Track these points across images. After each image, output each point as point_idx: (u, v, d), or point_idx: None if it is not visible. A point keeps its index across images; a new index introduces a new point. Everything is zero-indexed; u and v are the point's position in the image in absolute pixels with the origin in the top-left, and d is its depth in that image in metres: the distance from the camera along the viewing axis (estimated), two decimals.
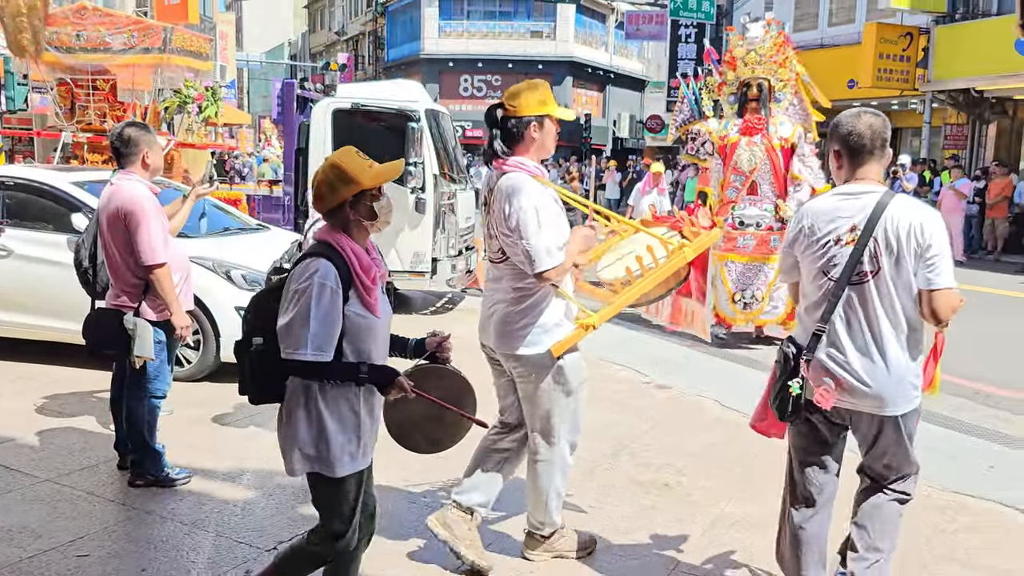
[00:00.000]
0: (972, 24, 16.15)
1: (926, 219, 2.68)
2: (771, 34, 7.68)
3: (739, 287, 7.70)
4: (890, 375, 2.72)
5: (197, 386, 5.93)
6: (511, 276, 3.28)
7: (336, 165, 2.57)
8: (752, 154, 7.55)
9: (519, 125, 3.22)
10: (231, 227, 7.21)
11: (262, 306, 2.62)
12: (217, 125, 13.30)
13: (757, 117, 7.60)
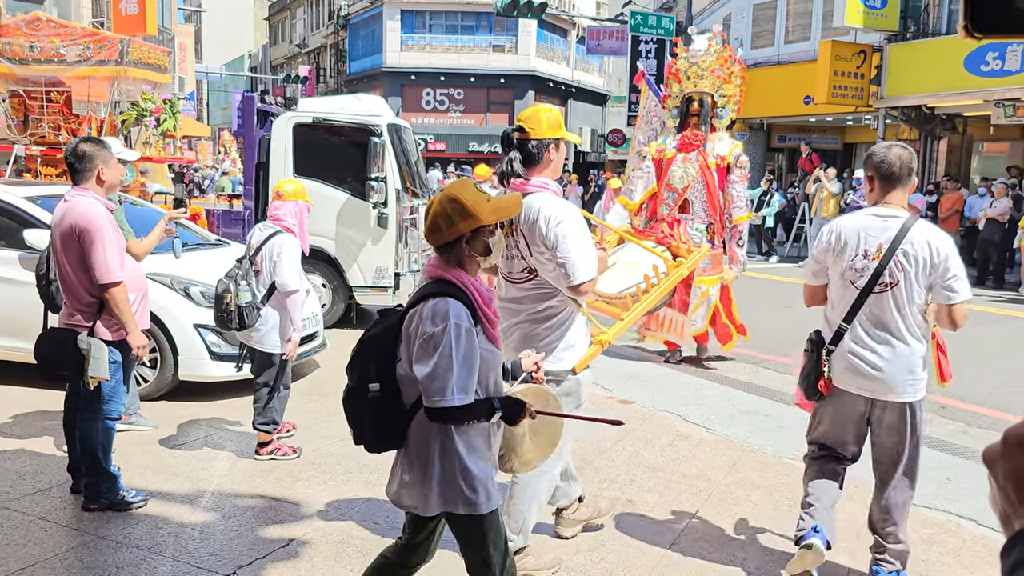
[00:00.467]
0: (922, 43, 16.59)
1: (941, 242, 3.25)
2: (715, 47, 7.32)
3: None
4: (900, 368, 3.29)
5: (154, 405, 5.81)
6: (536, 296, 3.37)
7: (456, 199, 2.48)
8: (685, 171, 7.22)
9: (539, 147, 3.35)
10: (190, 242, 7.09)
11: (373, 349, 2.53)
12: (176, 138, 13.10)
13: (695, 133, 7.26)
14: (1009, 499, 0.70)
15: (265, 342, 4.85)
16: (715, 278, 7.36)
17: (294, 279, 4.82)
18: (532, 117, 3.38)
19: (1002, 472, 0.71)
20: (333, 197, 8.61)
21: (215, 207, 10.37)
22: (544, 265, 3.28)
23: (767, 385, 7.04)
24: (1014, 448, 0.71)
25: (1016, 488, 0.70)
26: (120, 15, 18.85)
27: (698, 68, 7.21)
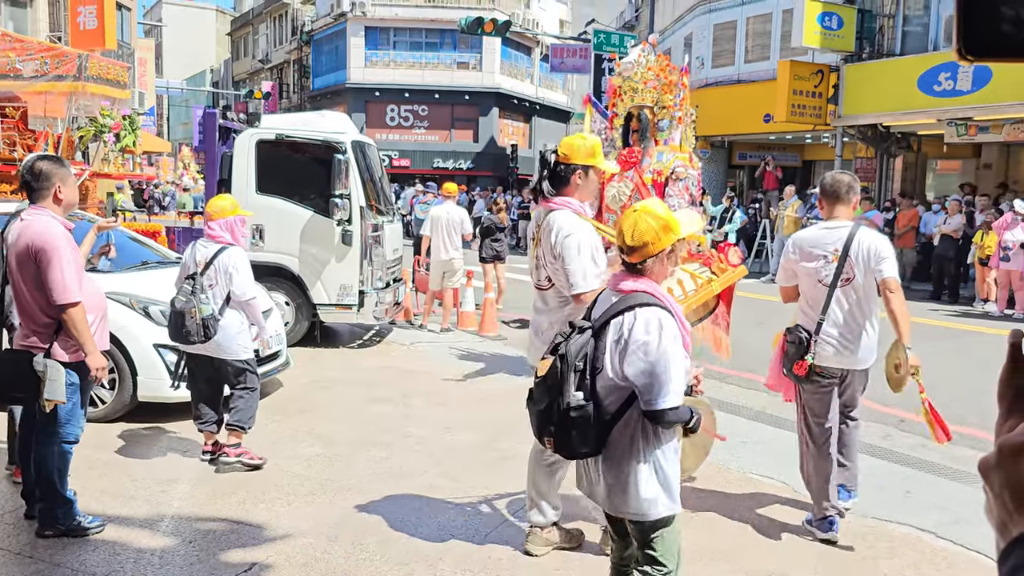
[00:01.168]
0: (878, 63, 16.99)
1: (876, 240, 4.10)
2: (647, 58, 6.91)
3: None
4: (865, 344, 4.17)
5: (112, 427, 5.69)
6: (559, 303, 3.76)
7: (659, 216, 2.71)
8: (619, 191, 6.79)
9: (567, 171, 3.73)
10: (149, 260, 6.99)
11: (572, 364, 2.65)
12: (135, 154, 12.91)
13: (630, 150, 6.88)
14: (1006, 508, 0.71)
15: (230, 350, 5.03)
16: None
17: (251, 287, 5.12)
18: (569, 144, 3.79)
19: (998, 481, 0.72)
20: (296, 214, 8.54)
21: (175, 224, 10.22)
22: (556, 273, 3.67)
23: (731, 401, 7.10)
24: (1009, 458, 0.71)
25: (1012, 497, 0.70)
26: (78, 29, 18.59)
27: (632, 82, 6.90)
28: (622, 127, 7.08)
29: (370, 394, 6.90)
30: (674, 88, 6.86)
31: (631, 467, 2.68)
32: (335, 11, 36.58)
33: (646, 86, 6.80)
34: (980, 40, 0.69)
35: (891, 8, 17.10)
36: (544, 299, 3.84)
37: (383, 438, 5.71)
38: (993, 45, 0.68)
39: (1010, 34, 0.67)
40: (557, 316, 3.73)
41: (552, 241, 3.61)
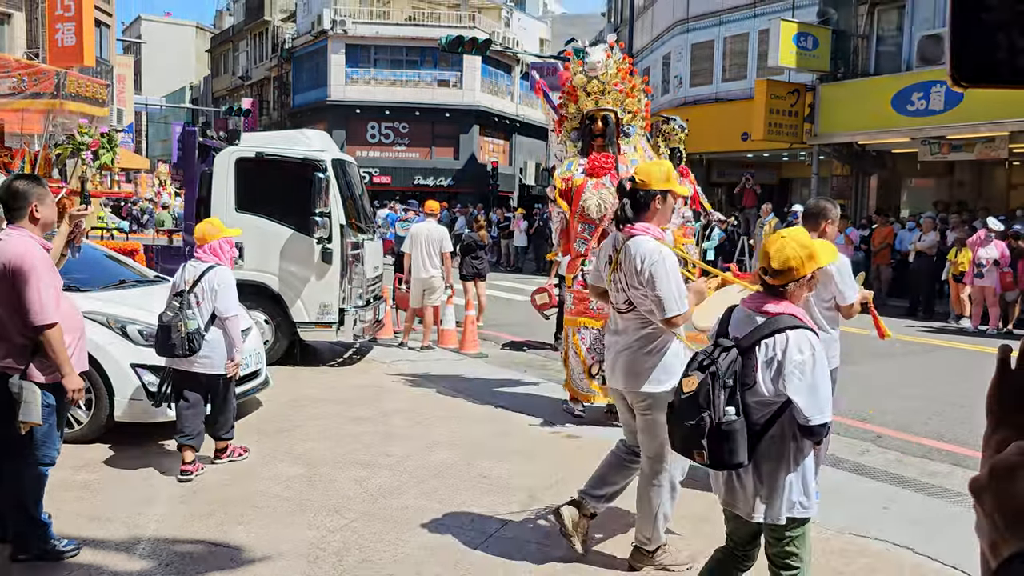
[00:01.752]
0: (852, 83, 17.26)
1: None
2: (614, 59, 6.56)
3: (595, 357, 6.39)
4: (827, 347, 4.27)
5: (89, 448, 5.62)
6: (637, 325, 3.87)
7: (805, 244, 2.93)
8: (601, 198, 6.36)
9: (646, 197, 3.88)
10: (127, 279, 6.94)
11: (723, 382, 2.83)
12: (113, 171, 12.83)
13: (604, 155, 6.47)
14: (997, 527, 0.71)
15: (217, 366, 5.31)
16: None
17: (234, 305, 5.37)
18: (645, 170, 3.96)
19: (990, 502, 0.72)
20: (276, 233, 8.51)
21: (154, 242, 10.15)
22: (641, 299, 3.79)
23: None
24: (1001, 478, 0.72)
25: (1004, 517, 0.71)
26: (56, 46, 18.50)
27: (598, 82, 6.43)
28: (576, 130, 6.63)
29: (350, 413, 6.86)
30: (636, 92, 6.58)
31: (780, 475, 2.90)
32: (316, 29, 36.64)
33: (615, 87, 6.44)
34: (973, 66, 0.70)
35: (865, 29, 17.40)
36: (621, 321, 3.96)
37: (363, 457, 5.68)
38: (986, 71, 0.70)
39: (1003, 61, 0.68)
40: (633, 337, 3.87)
41: (638, 267, 3.74)
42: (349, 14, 36.37)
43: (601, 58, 6.47)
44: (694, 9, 21.37)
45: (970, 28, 0.69)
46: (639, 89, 6.61)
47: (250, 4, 46.66)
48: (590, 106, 6.48)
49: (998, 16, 0.68)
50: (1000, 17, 0.68)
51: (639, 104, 6.63)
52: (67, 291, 5.93)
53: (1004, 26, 0.68)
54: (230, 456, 5.51)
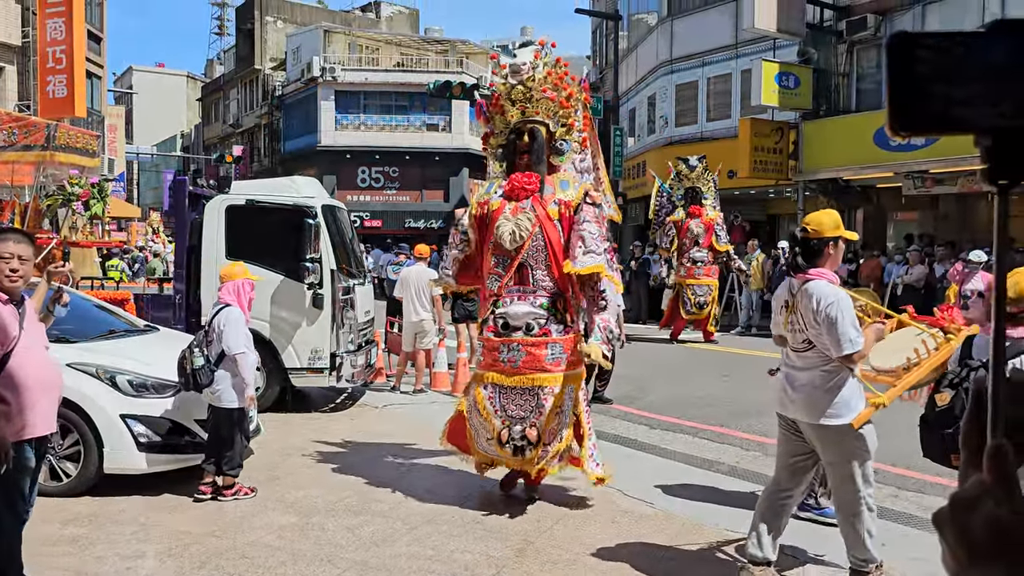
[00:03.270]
0: (834, 120, 17.53)
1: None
2: (545, 60, 5.53)
3: (505, 420, 5.35)
4: None
5: (76, 502, 5.56)
6: (817, 363, 4.09)
7: None
8: (517, 225, 5.32)
9: (820, 244, 4.10)
10: (117, 329, 6.92)
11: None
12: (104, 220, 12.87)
13: (526, 175, 5.43)
14: (959, 561, 0.72)
15: (222, 399, 5.65)
16: (563, 375, 5.39)
17: (239, 343, 5.64)
18: (815, 219, 4.17)
19: (951, 535, 0.73)
20: (267, 279, 8.52)
21: (144, 292, 10.14)
22: (819, 338, 4.01)
23: (704, 455, 7.12)
24: (960, 511, 0.73)
25: (966, 550, 0.71)
26: (48, 97, 18.70)
27: (524, 88, 5.45)
28: (502, 149, 5.65)
29: (343, 459, 6.82)
30: (573, 102, 5.56)
31: None
32: (305, 76, 37.06)
33: (544, 95, 5.41)
34: (910, 116, 0.74)
35: (845, 67, 17.73)
36: (799, 359, 4.20)
37: (355, 504, 5.63)
38: (922, 121, 0.74)
39: (938, 111, 0.72)
40: (813, 374, 4.11)
41: (815, 308, 3.98)
42: (338, 61, 36.84)
43: (528, 59, 5.47)
44: (677, 51, 21.75)
45: (905, 80, 0.73)
46: (576, 98, 5.58)
47: (240, 53, 47.22)
48: (516, 117, 5.49)
49: (931, 68, 0.71)
50: (933, 69, 0.72)
51: (576, 116, 5.61)
52: (56, 342, 5.94)
53: (938, 78, 0.71)
54: (235, 494, 5.68)
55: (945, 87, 0.72)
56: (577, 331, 5.50)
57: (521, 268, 5.37)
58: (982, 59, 0.71)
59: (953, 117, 0.72)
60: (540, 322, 5.30)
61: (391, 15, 47.43)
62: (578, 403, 5.48)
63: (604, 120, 26.33)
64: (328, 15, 45.20)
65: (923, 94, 0.72)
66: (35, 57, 19.64)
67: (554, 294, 5.38)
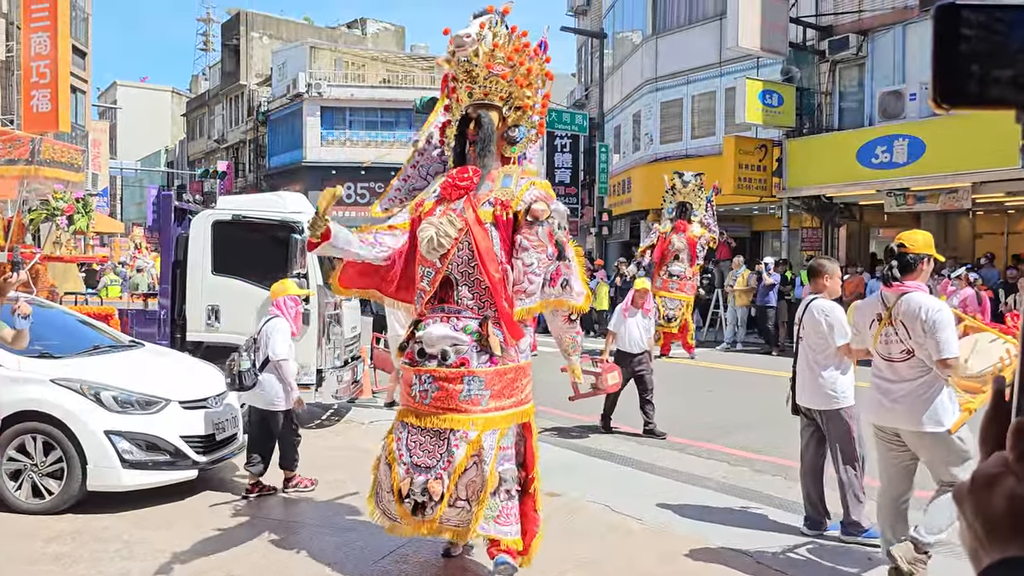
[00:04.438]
0: (818, 138, 17.71)
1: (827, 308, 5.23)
2: (497, 31, 4.46)
3: (410, 469, 4.33)
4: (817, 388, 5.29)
5: (59, 519, 5.48)
6: (916, 373, 4.36)
7: None
8: (440, 230, 4.32)
9: (915, 259, 4.44)
10: (101, 344, 6.86)
11: None
12: (87, 235, 12.78)
13: (461, 170, 4.50)
14: (977, 536, 0.74)
15: (270, 402, 6.12)
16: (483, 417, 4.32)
17: (283, 351, 6.12)
18: (911, 237, 4.51)
19: (970, 509, 0.75)
20: (253, 294, 8.49)
21: (129, 307, 10.07)
22: (921, 345, 4.28)
23: (692, 471, 7.12)
24: (981, 487, 0.74)
25: (983, 526, 0.73)
26: (31, 112, 18.59)
27: (470, 64, 4.42)
28: (456, 137, 4.68)
29: (329, 476, 6.77)
30: (534, 80, 4.58)
31: None
32: (291, 92, 37.08)
33: (490, 72, 4.42)
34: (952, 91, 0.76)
35: (827, 86, 17.94)
36: (895, 370, 4.44)
37: (343, 521, 5.59)
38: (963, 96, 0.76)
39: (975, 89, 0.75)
40: (914, 384, 4.36)
41: (923, 317, 4.26)
42: (324, 77, 36.91)
43: (474, 31, 4.41)
44: (662, 69, 21.94)
45: (949, 53, 0.75)
46: (537, 75, 4.58)
47: (226, 69, 47.21)
48: (464, 102, 4.57)
49: (974, 43, 0.74)
50: (976, 44, 0.74)
51: (535, 96, 4.64)
52: (40, 358, 5.90)
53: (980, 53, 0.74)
54: (296, 486, 6.24)
55: (987, 63, 0.74)
56: (516, 363, 4.40)
57: (445, 283, 4.41)
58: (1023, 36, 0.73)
59: (994, 93, 0.74)
60: (460, 349, 4.26)
61: (377, 32, 47.60)
62: (527, 452, 4.55)
63: (589, 137, 26.50)
64: (314, 31, 45.32)
65: (966, 69, 0.75)
66: (19, 71, 19.55)
67: (481, 316, 4.31)
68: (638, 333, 8.51)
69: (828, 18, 17.76)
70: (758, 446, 7.92)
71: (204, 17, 59.74)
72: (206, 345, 8.54)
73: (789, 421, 5.76)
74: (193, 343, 8.59)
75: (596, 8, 28.89)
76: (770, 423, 8.75)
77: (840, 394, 5.23)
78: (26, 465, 5.65)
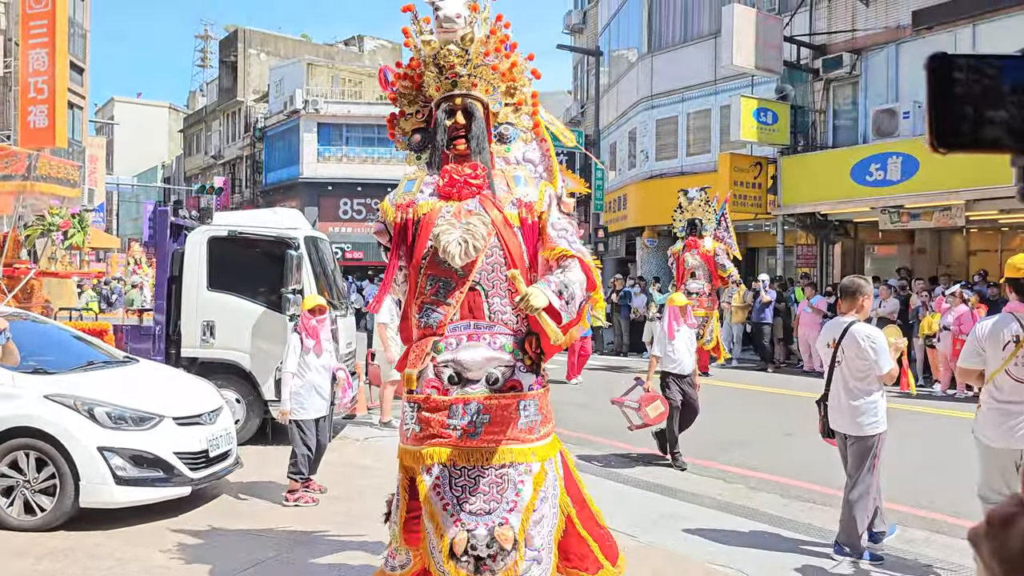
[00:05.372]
0: (812, 155, 17.81)
1: (872, 334, 5.20)
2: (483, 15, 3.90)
3: (460, 519, 3.55)
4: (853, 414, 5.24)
5: (51, 536, 5.45)
6: None
7: None
8: (469, 233, 3.67)
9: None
10: (95, 360, 6.83)
11: None
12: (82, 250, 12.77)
13: (471, 167, 3.82)
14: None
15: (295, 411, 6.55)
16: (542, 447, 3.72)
17: (289, 364, 6.56)
18: (1019, 262, 4.74)
19: (987, 550, 0.74)
20: (248, 310, 8.49)
21: (124, 322, 10.04)
22: None
23: (687, 488, 7.11)
24: (998, 527, 0.74)
25: (1001, 565, 0.72)
26: (28, 128, 18.63)
27: (458, 49, 3.80)
28: (422, 131, 4.05)
29: (325, 493, 6.74)
30: (519, 75, 4.01)
31: None
32: (288, 108, 37.21)
33: (484, 61, 3.87)
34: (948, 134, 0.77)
35: (821, 104, 18.07)
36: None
37: (337, 538, 5.56)
38: (960, 139, 0.77)
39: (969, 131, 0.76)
40: None
41: None
42: (321, 94, 37.06)
43: (464, 11, 3.79)
44: (657, 86, 22.07)
45: (943, 100, 0.76)
46: (521, 69, 4.02)
47: (223, 85, 47.38)
48: (445, 89, 3.86)
49: (968, 89, 0.76)
50: (970, 90, 0.76)
51: (525, 91, 4.07)
52: (33, 373, 5.89)
53: (974, 99, 0.75)
54: (296, 501, 6.43)
55: (981, 108, 0.75)
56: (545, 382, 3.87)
57: (472, 295, 3.71)
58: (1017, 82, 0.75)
59: (988, 137, 0.76)
60: (506, 371, 3.66)
61: (374, 49, 47.85)
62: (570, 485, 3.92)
63: (585, 154, 26.61)
64: (312, 48, 45.56)
65: (960, 114, 0.76)
66: (16, 87, 19.60)
67: (518, 332, 3.73)
68: (687, 355, 7.97)
69: (822, 37, 17.90)
70: (754, 463, 7.90)
71: (202, 34, 60.06)
72: (201, 361, 8.52)
73: (785, 439, 5.76)
74: (188, 359, 8.57)
75: (592, 26, 29.10)
76: (766, 440, 8.75)
77: (880, 419, 5.22)
78: (18, 482, 5.62)
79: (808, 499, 6.85)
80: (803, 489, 7.13)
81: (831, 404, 5.36)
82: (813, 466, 7.83)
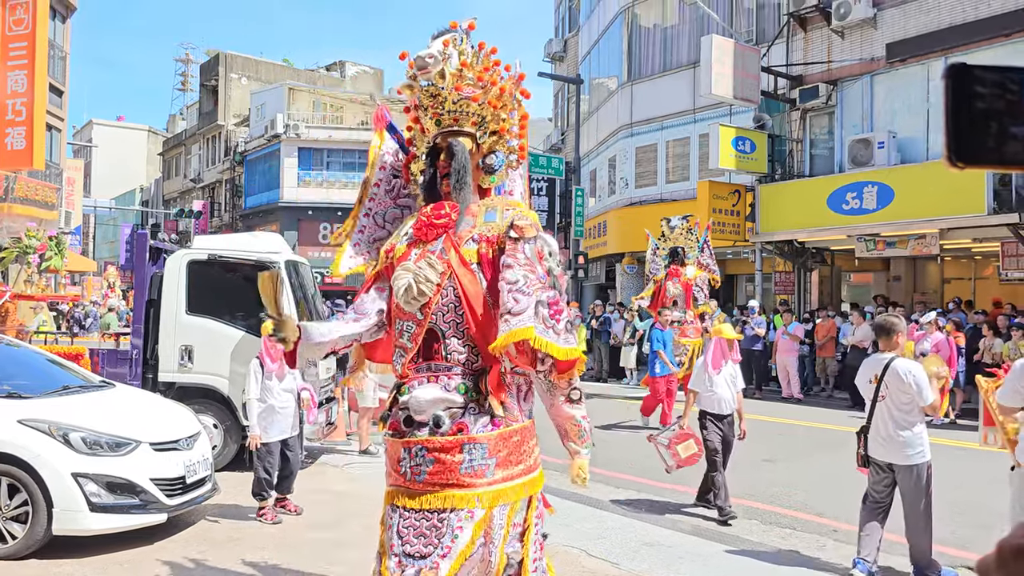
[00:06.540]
0: (789, 184, 18.06)
1: (913, 368, 5.46)
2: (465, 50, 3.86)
3: (401, 561, 3.53)
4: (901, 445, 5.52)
5: (22, 565, 5.33)
6: None
7: None
8: (418, 276, 3.59)
9: None
10: (71, 385, 6.74)
11: None
12: (58, 273, 12.62)
13: (437, 207, 3.81)
14: None
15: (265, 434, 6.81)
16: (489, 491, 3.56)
17: (252, 391, 6.76)
18: None
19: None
20: (227, 335, 8.42)
21: (100, 346, 9.92)
22: None
23: (672, 516, 7.09)
24: (1009, 559, 0.72)
25: None
26: (6, 149, 18.43)
27: (436, 88, 3.83)
28: (425, 173, 3.98)
29: (304, 520, 6.67)
30: (507, 100, 3.95)
31: None
32: (269, 132, 37.21)
33: (460, 95, 3.82)
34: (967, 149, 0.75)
35: (798, 133, 18.35)
36: None
37: (317, 566, 5.49)
38: (980, 154, 0.75)
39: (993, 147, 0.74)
40: None
41: None
42: (302, 119, 37.11)
43: (437, 50, 3.78)
44: (637, 115, 22.33)
45: (962, 113, 0.74)
46: (511, 94, 3.96)
47: (204, 109, 47.31)
48: (432, 131, 3.94)
49: (989, 103, 0.73)
50: (991, 104, 0.73)
51: (510, 118, 4.00)
52: (7, 398, 5.80)
53: (995, 114, 0.73)
54: (261, 517, 6.66)
55: (1005, 123, 0.73)
56: (520, 424, 3.67)
57: (430, 337, 3.64)
58: None
59: (1011, 150, 0.74)
60: (455, 413, 3.55)
61: (355, 74, 48.04)
62: (527, 532, 3.66)
63: (566, 181, 26.80)
64: (293, 73, 45.65)
65: (983, 127, 0.73)
66: None
67: (476, 371, 3.62)
68: (728, 392, 7.24)
69: (798, 68, 18.23)
70: (734, 490, 7.90)
71: (183, 58, 59.96)
72: (178, 386, 8.43)
73: (771, 466, 5.79)
74: (165, 383, 8.48)
75: (573, 55, 29.44)
76: (753, 468, 8.75)
77: (926, 448, 5.50)
78: None
79: (788, 525, 6.86)
80: (782, 515, 7.14)
81: (872, 436, 5.61)
82: (792, 492, 7.85)
